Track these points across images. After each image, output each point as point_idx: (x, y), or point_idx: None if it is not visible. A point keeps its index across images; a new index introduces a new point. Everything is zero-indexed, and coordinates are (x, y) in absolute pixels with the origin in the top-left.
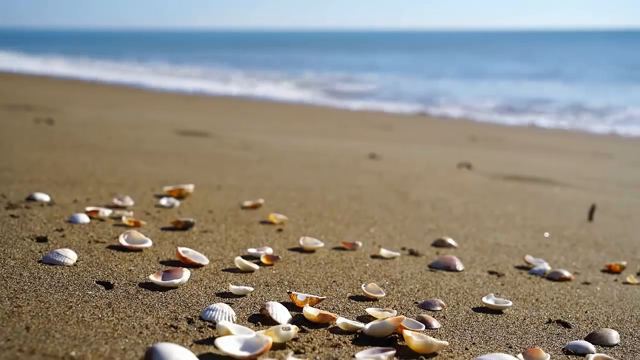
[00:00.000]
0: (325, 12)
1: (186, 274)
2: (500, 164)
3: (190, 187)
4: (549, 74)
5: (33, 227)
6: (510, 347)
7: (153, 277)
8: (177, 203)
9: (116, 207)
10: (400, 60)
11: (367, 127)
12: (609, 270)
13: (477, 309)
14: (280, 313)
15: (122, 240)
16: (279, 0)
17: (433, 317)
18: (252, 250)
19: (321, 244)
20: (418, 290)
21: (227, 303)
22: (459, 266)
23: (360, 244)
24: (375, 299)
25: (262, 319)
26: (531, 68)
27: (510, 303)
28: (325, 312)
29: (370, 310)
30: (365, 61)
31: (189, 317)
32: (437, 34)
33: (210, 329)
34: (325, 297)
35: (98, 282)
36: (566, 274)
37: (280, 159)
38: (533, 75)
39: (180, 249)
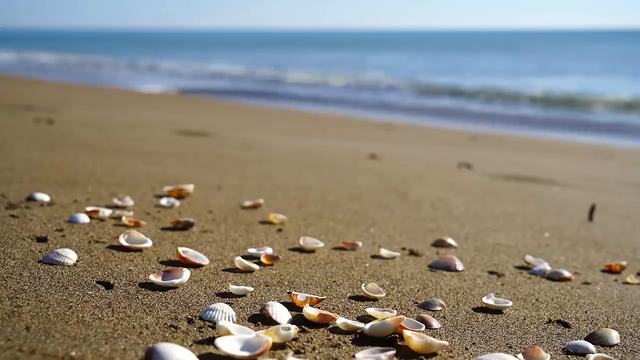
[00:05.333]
0: (326, 12)
1: (186, 274)
2: (500, 164)
3: (190, 187)
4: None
5: (33, 227)
6: (510, 347)
7: (153, 277)
8: (177, 203)
9: (116, 207)
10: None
11: (368, 127)
12: (609, 270)
13: (477, 309)
14: (280, 313)
15: (122, 240)
16: (278, 0)
17: (433, 317)
18: (252, 250)
19: (321, 244)
20: (418, 290)
21: (227, 303)
22: (459, 266)
23: (360, 244)
24: (375, 299)
25: (262, 319)
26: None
27: (510, 303)
28: (325, 312)
29: (370, 310)
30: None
31: (189, 317)
32: (437, 34)
33: (210, 329)
34: (325, 297)
35: (98, 282)
36: (566, 274)
37: (281, 159)
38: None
39: (180, 249)
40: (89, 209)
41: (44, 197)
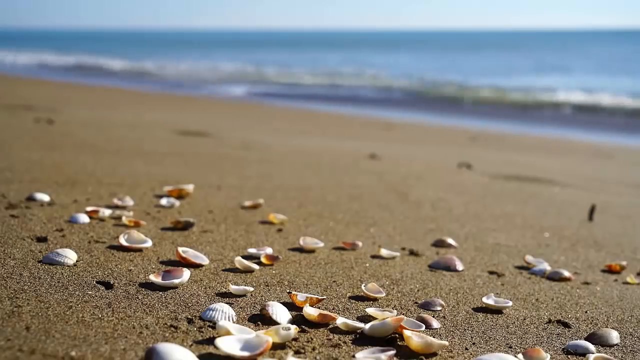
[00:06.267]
0: (326, 12)
1: (186, 274)
2: (500, 164)
3: (190, 187)
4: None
5: (33, 227)
6: (510, 347)
7: (153, 277)
8: (177, 203)
9: (116, 207)
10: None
11: (368, 127)
12: (609, 270)
13: (477, 309)
14: (280, 313)
15: (122, 240)
16: (278, 0)
17: (433, 317)
18: (252, 250)
19: (321, 244)
20: (418, 290)
21: (227, 303)
22: (459, 266)
23: (360, 244)
24: (375, 299)
25: (262, 319)
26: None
27: (510, 303)
28: (325, 312)
29: (370, 310)
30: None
31: (189, 317)
32: (437, 34)
33: (210, 329)
34: (325, 297)
35: (98, 282)
36: (566, 274)
37: (280, 159)
38: None
39: (180, 249)
40: (89, 209)
41: (44, 197)
